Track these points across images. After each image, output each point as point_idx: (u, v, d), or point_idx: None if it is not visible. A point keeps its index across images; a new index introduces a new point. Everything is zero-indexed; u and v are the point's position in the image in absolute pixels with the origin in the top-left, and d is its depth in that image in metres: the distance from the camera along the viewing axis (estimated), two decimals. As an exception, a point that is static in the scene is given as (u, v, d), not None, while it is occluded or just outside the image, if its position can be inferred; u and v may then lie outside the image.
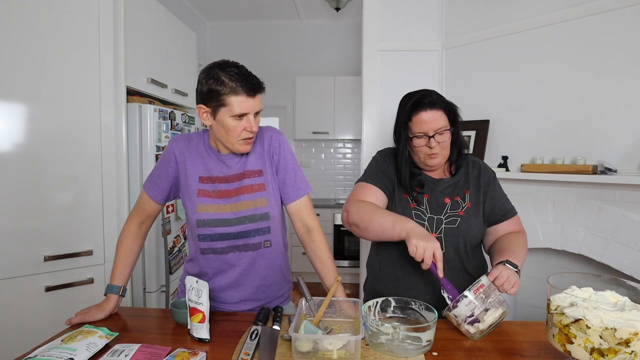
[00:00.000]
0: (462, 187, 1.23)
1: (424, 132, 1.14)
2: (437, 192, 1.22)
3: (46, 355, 0.84)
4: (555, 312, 0.82)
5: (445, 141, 1.16)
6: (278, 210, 1.20)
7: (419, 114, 1.14)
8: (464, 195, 1.22)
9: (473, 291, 0.97)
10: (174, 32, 2.59)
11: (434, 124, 1.14)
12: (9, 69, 1.57)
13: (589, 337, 0.75)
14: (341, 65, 4.34)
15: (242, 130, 1.08)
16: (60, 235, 1.72)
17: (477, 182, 1.24)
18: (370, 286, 1.34)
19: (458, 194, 1.22)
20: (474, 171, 1.25)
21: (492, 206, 1.22)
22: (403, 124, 1.18)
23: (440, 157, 1.18)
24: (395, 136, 1.25)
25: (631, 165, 1.65)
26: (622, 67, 1.68)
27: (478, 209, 1.21)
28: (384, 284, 1.26)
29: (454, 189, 1.23)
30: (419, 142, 1.16)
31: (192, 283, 0.98)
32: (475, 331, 0.95)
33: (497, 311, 0.94)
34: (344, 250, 3.95)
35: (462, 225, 1.17)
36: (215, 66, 1.06)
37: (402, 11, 2.43)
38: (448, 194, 1.21)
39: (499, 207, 1.23)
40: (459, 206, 1.20)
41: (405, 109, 1.17)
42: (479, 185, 1.23)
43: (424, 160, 1.19)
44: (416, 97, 1.16)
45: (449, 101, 1.19)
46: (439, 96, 1.17)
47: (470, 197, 1.21)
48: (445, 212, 1.19)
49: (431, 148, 1.15)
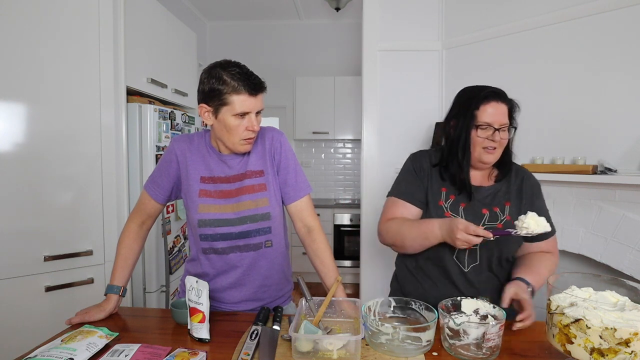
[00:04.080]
0: (502, 197, 1.17)
1: (490, 123, 1.10)
2: (475, 201, 1.16)
3: (46, 355, 0.84)
4: (555, 312, 0.82)
5: (504, 139, 1.12)
6: (279, 210, 1.20)
7: (490, 104, 1.11)
8: (504, 207, 1.16)
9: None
10: (174, 32, 2.59)
11: (501, 117, 1.11)
12: (9, 69, 1.57)
13: (589, 337, 0.75)
14: (341, 65, 4.34)
15: (244, 129, 1.08)
16: (60, 235, 1.72)
17: (518, 193, 1.18)
18: (398, 284, 1.32)
19: (497, 204, 1.16)
20: (517, 181, 1.20)
21: None
22: (468, 113, 1.13)
23: (496, 154, 1.13)
24: (447, 128, 1.20)
25: (631, 165, 1.65)
26: (622, 67, 1.68)
27: None
28: (415, 285, 1.24)
29: (494, 198, 1.17)
30: (482, 133, 1.11)
31: (192, 283, 0.98)
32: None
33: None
34: (344, 250, 3.95)
35: (501, 239, 1.11)
36: (217, 65, 1.07)
37: (402, 11, 2.44)
38: (486, 205, 1.16)
39: None
40: (497, 218, 1.14)
41: (472, 98, 1.13)
42: (521, 197, 1.17)
43: (478, 155, 1.13)
44: (490, 88, 1.13)
45: (514, 101, 1.16)
46: (505, 93, 1.15)
47: (510, 209, 1.16)
48: (483, 223, 1.13)
49: (494, 141, 1.10)
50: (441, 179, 1.20)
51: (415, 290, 1.24)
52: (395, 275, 1.36)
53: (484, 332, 0.86)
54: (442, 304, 0.95)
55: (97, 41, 1.79)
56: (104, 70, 1.82)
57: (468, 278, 1.15)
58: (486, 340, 0.86)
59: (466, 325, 0.87)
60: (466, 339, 0.88)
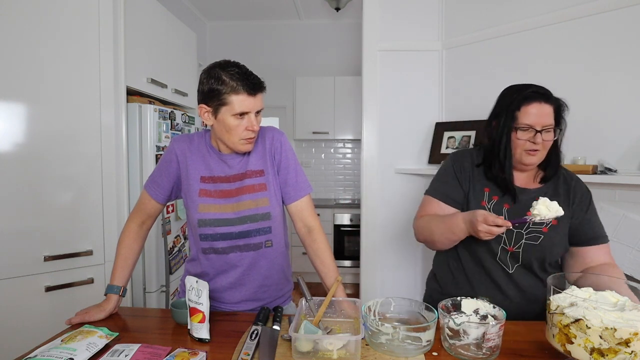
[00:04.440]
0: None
1: (531, 125, 1.07)
2: (520, 203, 1.13)
3: (46, 355, 0.84)
4: (555, 312, 0.82)
5: (549, 140, 1.08)
6: (279, 210, 1.20)
7: (531, 105, 1.07)
8: None
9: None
10: (174, 32, 2.59)
11: (544, 118, 1.07)
12: (9, 69, 1.57)
13: (589, 337, 0.74)
14: (341, 65, 4.34)
15: (244, 129, 1.08)
16: (60, 235, 1.72)
17: (566, 197, 1.14)
18: (438, 284, 1.31)
19: None
20: (565, 185, 1.16)
21: (578, 227, 1.13)
22: (508, 113, 1.10)
23: (539, 156, 1.10)
24: (489, 128, 1.17)
25: (631, 165, 1.65)
26: (622, 67, 1.68)
27: (565, 227, 1.13)
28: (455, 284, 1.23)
29: None
30: (523, 135, 1.08)
31: (192, 283, 0.98)
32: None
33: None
34: (344, 250, 3.95)
35: (545, 242, 1.10)
36: (216, 66, 1.07)
37: (402, 11, 2.43)
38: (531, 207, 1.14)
39: (587, 230, 1.13)
40: (542, 222, 1.09)
41: (514, 98, 1.10)
42: (568, 201, 1.14)
43: (519, 157, 1.11)
44: (532, 88, 1.09)
45: (561, 99, 1.11)
46: (551, 92, 1.10)
47: None
48: (527, 226, 1.11)
49: (535, 144, 1.07)
50: (486, 178, 1.18)
51: (457, 291, 1.22)
52: (434, 275, 1.35)
53: (484, 332, 0.86)
54: (442, 304, 0.95)
55: (97, 41, 1.79)
56: (104, 70, 1.82)
57: (514, 280, 1.14)
58: (486, 340, 0.86)
59: (466, 325, 0.87)
60: (466, 339, 0.88)
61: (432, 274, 1.37)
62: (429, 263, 2.50)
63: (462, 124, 2.26)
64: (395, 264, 2.53)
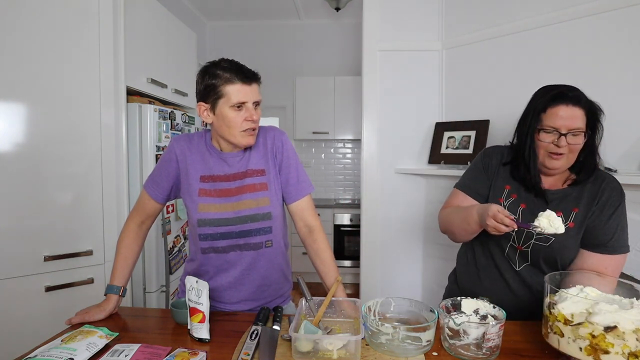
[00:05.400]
0: (571, 202, 1.08)
1: (556, 128, 1.02)
2: (537, 202, 1.10)
3: (46, 355, 0.84)
4: (577, 323, 0.77)
5: (577, 144, 1.03)
6: (280, 210, 1.20)
7: (557, 107, 1.03)
8: (570, 212, 1.07)
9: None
10: (174, 32, 2.59)
11: (570, 121, 1.01)
12: (9, 69, 1.57)
13: (627, 342, 0.71)
14: (341, 65, 4.34)
15: (243, 120, 1.08)
16: (60, 235, 1.72)
17: (591, 199, 1.07)
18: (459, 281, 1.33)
19: (563, 209, 1.07)
20: (594, 187, 1.08)
21: (591, 229, 1.07)
22: (534, 114, 1.07)
23: (564, 160, 1.04)
24: (519, 129, 1.14)
25: (631, 165, 1.65)
26: (622, 67, 1.68)
27: (580, 231, 1.07)
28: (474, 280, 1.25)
29: (560, 202, 1.09)
30: (546, 137, 1.04)
31: (192, 283, 0.98)
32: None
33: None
34: (344, 250, 3.95)
35: (555, 245, 1.06)
36: (209, 64, 1.09)
37: (402, 11, 2.43)
38: (551, 208, 1.04)
39: (599, 234, 1.06)
40: (542, 234, 1.05)
41: (542, 98, 1.07)
42: (592, 204, 1.06)
43: (542, 160, 1.07)
44: (561, 89, 1.05)
45: (595, 103, 1.06)
46: (584, 94, 1.05)
47: (577, 216, 1.07)
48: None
49: (559, 147, 1.02)
50: (511, 177, 1.16)
51: (468, 282, 1.27)
52: (454, 270, 1.39)
53: (484, 332, 0.86)
54: (442, 304, 0.95)
55: (97, 41, 1.79)
56: (104, 70, 1.82)
57: (522, 276, 1.15)
58: (486, 340, 0.86)
59: (466, 325, 0.87)
60: (466, 339, 0.88)
61: (453, 270, 1.41)
62: (429, 263, 2.51)
63: (462, 124, 2.26)
64: (395, 264, 2.53)
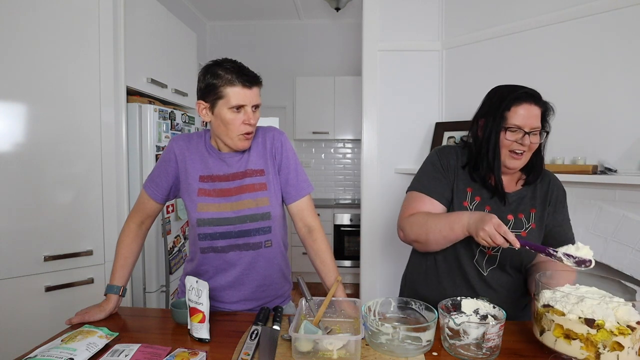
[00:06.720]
0: (528, 203, 1.13)
1: (520, 126, 1.05)
2: (498, 204, 1.12)
3: (46, 355, 0.84)
4: (597, 328, 0.76)
5: (535, 143, 1.07)
6: (279, 210, 1.20)
7: (521, 106, 1.05)
8: (529, 214, 1.12)
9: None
10: (174, 32, 2.59)
11: (533, 120, 1.05)
12: (9, 69, 1.57)
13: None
14: (341, 65, 4.34)
15: (241, 123, 1.08)
16: (60, 235, 1.72)
17: (544, 199, 1.14)
18: (410, 285, 1.31)
19: (523, 211, 1.12)
20: (543, 186, 1.15)
21: (551, 231, 1.13)
22: (498, 113, 1.07)
23: (523, 160, 1.09)
24: (474, 128, 1.15)
25: (631, 165, 1.65)
26: (622, 67, 1.68)
27: (541, 231, 1.12)
28: (428, 286, 1.23)
29: (519, 205, 1.13)
30: (512, 136, 1.06)
31: (192, 283, 0.98)
32: None
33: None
34: (344, 250, 3.96)
35: (523, 248, 1.09)
36: (212, 63, 1.09)
37: (402, 11, 2.43)
38: (512, 211, 1.11)
39: (558, 234, 1.13)
40: (522, 225, 1.10)
41: (504, 98, 1.08)
42: (545, 203, 1.13)
43: (503, 159, 1.09)
44: (525, 89, 1.08)
45: (549, 103, 1.10)
46: (540, 95, 1.09)
47: (535, 216, 1.12)
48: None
49: (523, 145, 1.05)
50: (471, 179, 1.15)
51: (427, 290, 1.22)
52: (405, 275, 1.35)
53: (484, 332, 0.86)
54: (442, 304, 0.95)
55: (97, 41, 1.79)
56: (104, 70, 1.82)
57: (487, 281, 1.14)
58: (486, 340, 0.86)
59: (466, 325, 0.87)
60: (466, 339, 0.88)
61: (404, 274, 1.37)
62: (429, 263, 2.50)
63: (462, 123, 2.26)
64: (395, 263, 2.53)
